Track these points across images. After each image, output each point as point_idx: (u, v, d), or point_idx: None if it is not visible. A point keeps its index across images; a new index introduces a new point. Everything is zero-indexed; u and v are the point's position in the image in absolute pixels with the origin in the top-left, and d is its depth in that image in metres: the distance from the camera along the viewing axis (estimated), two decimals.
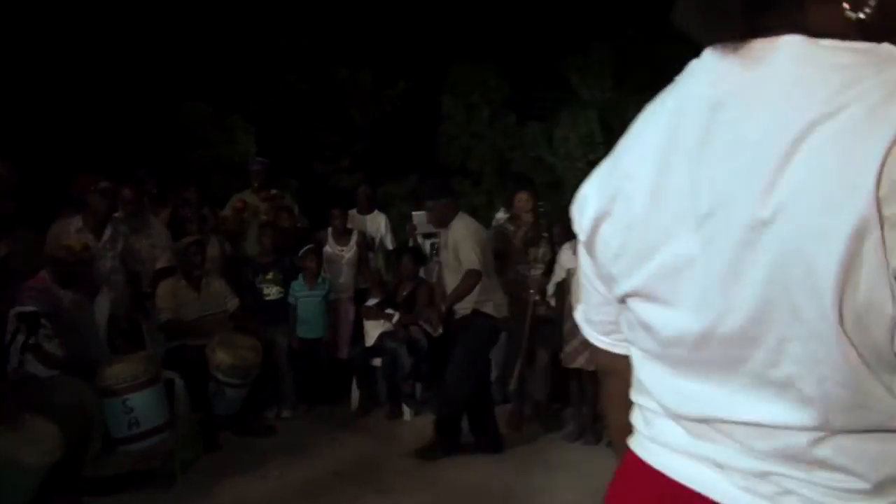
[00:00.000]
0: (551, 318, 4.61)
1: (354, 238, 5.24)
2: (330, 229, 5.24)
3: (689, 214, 0.75)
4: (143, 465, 3.76)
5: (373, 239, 5.43)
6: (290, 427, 4.73)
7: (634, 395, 0.92)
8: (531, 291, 4.54)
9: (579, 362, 4.36)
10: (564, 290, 4.41)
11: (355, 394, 5.03)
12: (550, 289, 4.51)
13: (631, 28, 7.34)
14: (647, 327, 0.84)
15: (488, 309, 4.09)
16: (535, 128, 7.06)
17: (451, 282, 4.17)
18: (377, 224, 5.49)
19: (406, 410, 4.88)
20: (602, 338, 1.02)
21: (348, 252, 5.21)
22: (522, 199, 4.59)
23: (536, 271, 4.61)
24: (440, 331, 4.16)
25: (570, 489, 3.74)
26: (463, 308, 4.18)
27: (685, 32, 0.79)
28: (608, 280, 0.91)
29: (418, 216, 5.22)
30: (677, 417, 0.82)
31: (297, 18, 7.54)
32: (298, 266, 4.95)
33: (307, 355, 4.97)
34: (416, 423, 4.77)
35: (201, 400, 4.34)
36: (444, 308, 4.14)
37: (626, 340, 0.94)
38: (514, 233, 4.61)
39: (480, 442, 4.30)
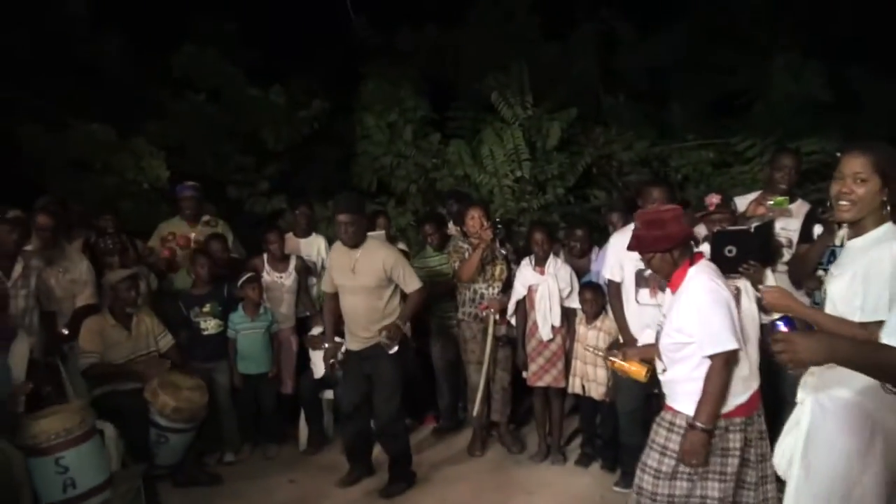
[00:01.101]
0: (510, 338, 4.52)
1: (293, 264, 4.91)
2: (266, 255, 4.88)
3: None
4: None
5: (313, 263, 5.12)
6: (237, 472, 4.33)
7: None
8: (491, 311, 4.42)
9: (545, 381, 4.30)
10: (525, 308, 4.34)
11: (304, 430, 4.70)
12: (511, 307, 4.41)
13: (545, 46, 7.52)
14: None
15: (405, 331, 4.04)
16: (459, 146, 6.99)
17: (367, 306, 3.95)
18: (316, 247, 5.18)
19: None
20: None
21: (288, 279, 4.87)
22: (475, 215, 4.46)
23: (494, 290, 4.50)
24: (395, 348, 3.91)
25: None
26: (377, 334, 3.92)
27: None
28: None
29: None
30: None
31: (209, 32, 7.11)
32: (237, 296, 4.58)
33: (250, 392, 4.59)
34: (374, 457, 4.51)
35: (139, 450, 3.89)
36: (401, 324, 3.96)
37: None
38: (470, 251, 4.48)
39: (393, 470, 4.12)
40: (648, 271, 3.74)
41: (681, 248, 2.63)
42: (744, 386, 2.60)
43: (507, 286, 4.52)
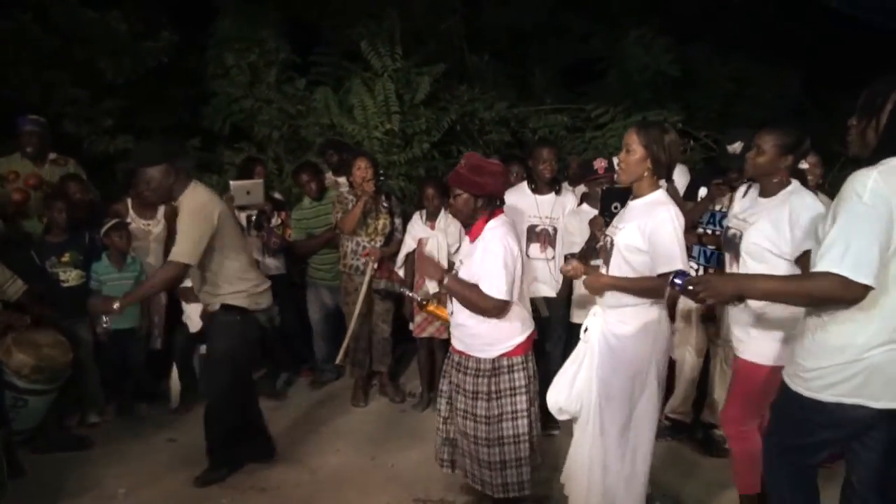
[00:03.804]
0: (389, 291, 4.55)
1: (161, 210, 4.53)
2: (130, 200, 4.46)
3: None
4: None
5: None
6: (106, 434, 4.01)
7: None
8: (371, 259, 4.40)
9: (429, 331, 4.41)
10: (414, 260, 4.39)
11: (175, 387, 4.43)
12: (399, 260, 4.44)
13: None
14: None
15: (240, 301, 3.41)
16: (327, 93, 6.77)
17: (193, 271, 3.40)
18: None
19: None
20: None
21: (156, 227, 4.48)
22: (361, 166, 4.39)
23: (376, 243, 4.49)
24: (105, 326, 3.48)
25: None
26: (210, 304, 3.52)
27: None
28: None
29: (236, 186, 4.71)
30: None
31: None
32: (102, 244, 4.16)
33: (116, 349, 4.23)
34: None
35: None
36: (119, 303, 3.26)
37: None
38: (354, 202, 4.42)
39: (253, 450, 3.72)
40: (540, 227, 4.00)
41: (485, 200, 2.93)
42: (523, 328, 2.97)
43: (390, 239, 4.55)
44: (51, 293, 3.98)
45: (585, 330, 2.87)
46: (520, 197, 4.03)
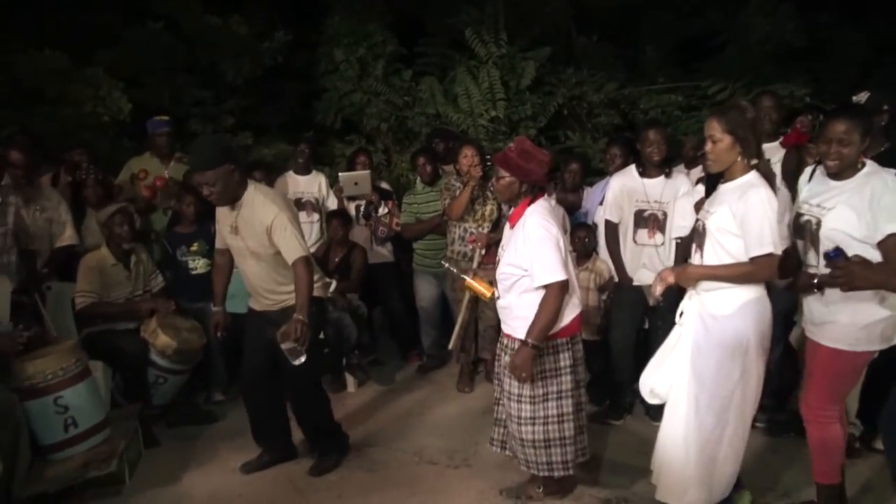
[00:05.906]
0: None
1: None
2: None
3: None
4: (80, 475, 3.18)
5: (316, 200, 5.00)
6: (228, 411, 4.28)
7: None
8: (478, 245, 4.42)
9: None
10: None
11: None
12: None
13: None
14: None
15: (317, 291, 3.30)
16: (431, 83, 6.86)
17: (258, 272, 3.30)
18: (318, 184, 5.04)
19: (350, 381, 4.63)
20: None
21: None
22: (468, 153, 4.42)
23: (483, 229, 4.50)
24: (304, 357, 3.03)
25: None
26: (281, 299, 3.32)
27: None
28: None
29: (344, 177, 4.88)
30: None
31: None
32: None
33: (238, 332, 4.49)
34: (362, 395, 4.56)
35: (137, 391, 3.82)
36: (303, 321, 3.01)
37: None
38: (461, 189, 4.45)
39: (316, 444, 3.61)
40: (648, 212, 3.86)
41: (528, 186, 2.94)
42: (567, 311, 2.93)
43: (497, 226, 4.54)
44: (182, 280, 4.30)
45: (681, 314, 2.82)
46: (628, 181, 3.90)
